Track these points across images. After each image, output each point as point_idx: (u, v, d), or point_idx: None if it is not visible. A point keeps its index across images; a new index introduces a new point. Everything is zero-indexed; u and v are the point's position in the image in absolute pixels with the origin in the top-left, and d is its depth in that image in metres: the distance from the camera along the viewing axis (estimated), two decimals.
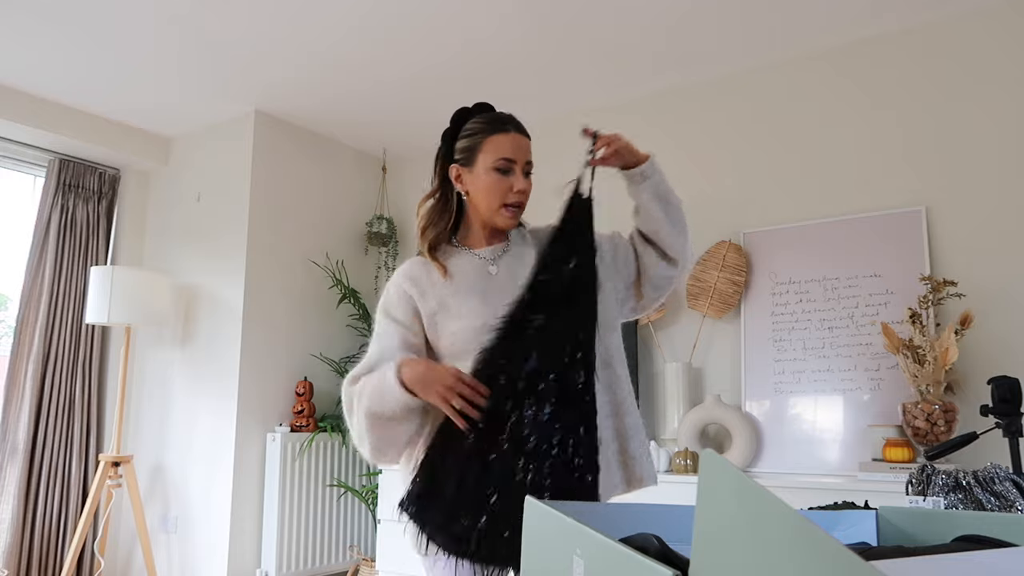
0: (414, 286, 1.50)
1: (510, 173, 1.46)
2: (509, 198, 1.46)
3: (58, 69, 3.38)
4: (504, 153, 1.45)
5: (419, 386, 1.35)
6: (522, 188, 1.46)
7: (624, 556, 0.45)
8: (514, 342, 1.36)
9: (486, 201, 1.47)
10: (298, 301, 3.96)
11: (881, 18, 2.94)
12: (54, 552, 3.66)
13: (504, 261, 1.51)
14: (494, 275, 1.49)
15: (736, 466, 0.39)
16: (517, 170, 1.46)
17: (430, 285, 1.49)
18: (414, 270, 1.53)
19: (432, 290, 1.49)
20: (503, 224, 1.49)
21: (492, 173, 1.45)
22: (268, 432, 3.72)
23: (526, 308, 1.38)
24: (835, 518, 0.75)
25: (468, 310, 1.44)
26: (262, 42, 3.15)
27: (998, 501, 1.45)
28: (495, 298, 1.43)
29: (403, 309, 1.50)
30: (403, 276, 1.54)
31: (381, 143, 4.30)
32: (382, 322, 1.52)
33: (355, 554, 3.94)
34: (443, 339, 1.47)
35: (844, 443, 2.84)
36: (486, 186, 1.46)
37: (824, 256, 3.02)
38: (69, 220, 3.88)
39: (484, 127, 1.48)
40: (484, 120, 1.50)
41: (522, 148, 1.48)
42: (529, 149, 1.49)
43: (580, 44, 3.14)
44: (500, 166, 1.45)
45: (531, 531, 0.67)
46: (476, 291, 1.46)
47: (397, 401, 1.36)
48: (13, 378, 3.65)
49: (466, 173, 1.49)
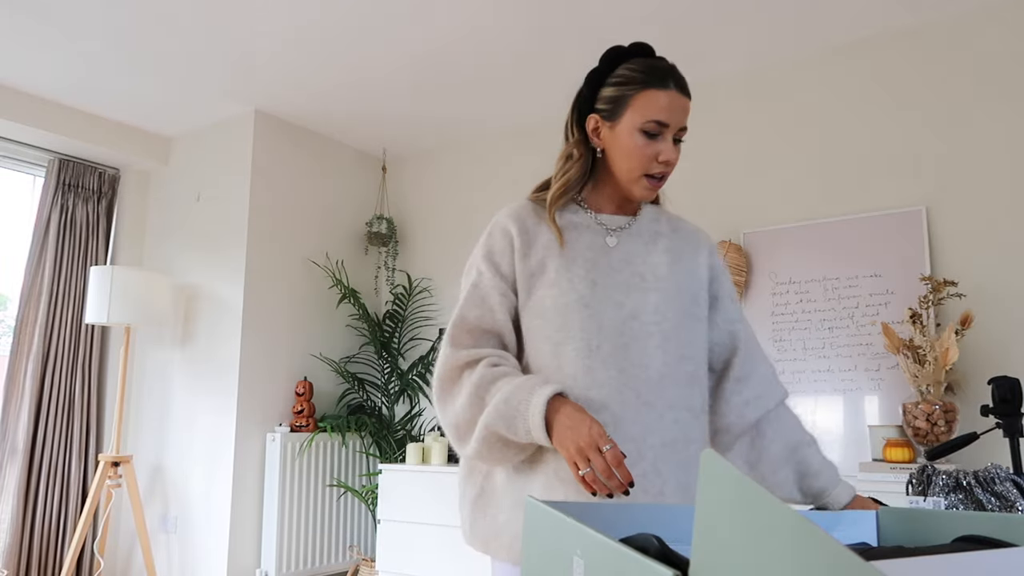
0: (522, 233, 1.26)
1: (659, 138, 1.22)
2: (653, 168, 1.23)
3: (58, 69, 3.38)
4: (657, 114, 1.21)
5: (555, 431, 1.09)
6: (669, 158, 1.22)
7: (624, 556, 0.45)
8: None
9: (627, 165, 1.24)
10: (298, 301, 3.96)
11: (881, 18, 2.94)
12: (54, 552, 3.66)
13: (627, 236, 1.28)
14: (611, 247, 1.26)
15: (736, 466, 0.39)
16: (668, 136, 1.22)
17: (536, 238, 1.26)
18: (524, 214, 1.28)
19: (536, 245, 1.25)
20: (640, 195, 1.26)
21: (638, 135, 1.22)
22: (268, 432, 3.72)
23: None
24: (835, 518, 0.75)
25: (566, 280, 1.21)
26: (262, 42, 3.15)
27: (998, 501, 1.45)
28: (603, 275, 1.23)
29: (508, 261, 1.25)
30: (511, 218, 1.28)
31: (381, 143, 4.30)
32: (485, 271, 1.26)
33: (355, 554, 3.94)
34: (525, 314, 1.24)
35: (844, 443, 2.84)
36: (628, 149, 1.23)
37: (824, 256, 3.02)
38: (69, 220, 3.88)
39: (640, 76, 1.23)
40: (641, 68, 1.23)
41: (679, 110, 1.23)
42: (687, 112, 1.24)
43: (581, 42, 3.14)
44: (650, 128, 1.21)
45: (531, 531, 0.67)
46: (583, 260, 1.23)
47: (528, 436, 1.12)
48: (13, 378, 3.65)
49: (606, 128, 1.26)
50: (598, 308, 1.21)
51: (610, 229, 1.28)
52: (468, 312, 1.24)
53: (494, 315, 1.24)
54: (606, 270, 1.24)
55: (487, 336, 1.24)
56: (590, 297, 1.21)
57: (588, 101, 1.28)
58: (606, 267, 1.24)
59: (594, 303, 1.21)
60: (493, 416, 1.13)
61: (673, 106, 1.21)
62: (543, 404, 1.10)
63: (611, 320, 1.21)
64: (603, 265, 1.24)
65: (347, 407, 4.10)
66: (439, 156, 4.33)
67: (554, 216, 1.27)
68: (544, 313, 1.22)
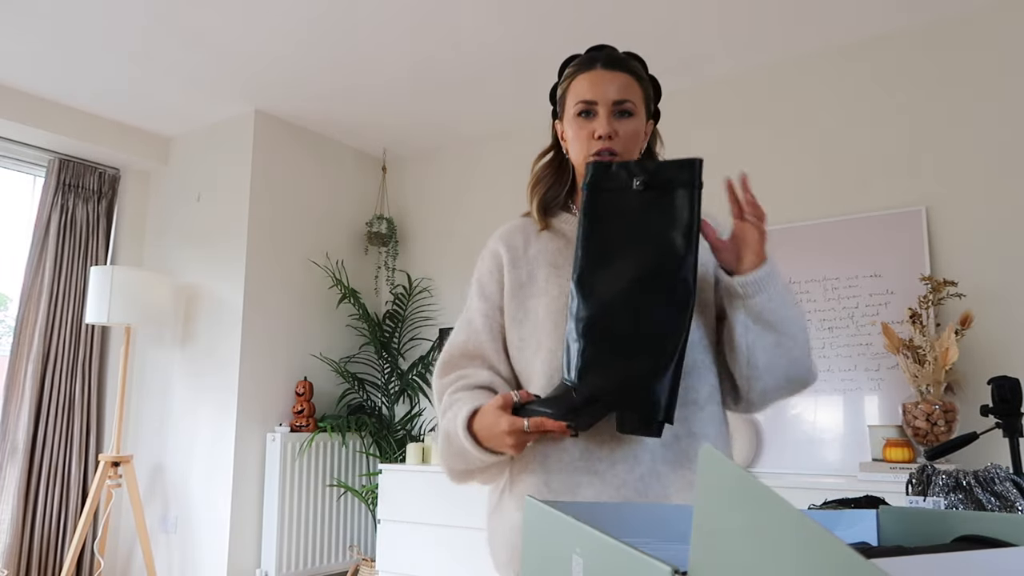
0: (510, 249, 1.29)
1: (592, 116, 1.22)
2: (592, 146, 1.22)
3: (58, 69, 3.38)
4: (583, 94, 1.22)
5: (485, 443, 1.15)
6: (602, 131, 1.20)
7: (624, 555, 0.45)
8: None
9: (575, 152, 1.26)
10: (298, 301, 3.96)
11: (881, 18, 2.94)
12: (54, 552, 3.66)
13: None
14: None
15: (735, 463, 0.39)
16: (601, 112, 1.21)
17: (524, 251, 1.29)
18: (512, 230, 1.32)
19: (525, 257, 1.28)
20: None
21: (575, 121, 1.24)
22: (268, 432, 3.72)
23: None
24: (835, 518, 0.75)
25: (556, 286, 1.22)
26: (262, 42, 3.15)
27: (998, 501, 1.44)
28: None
29: (495, 282, 1.29)
30: (498, 238, 1.32)
31: (381, 143, 4.30)
32: (473, 297, 1.32)
33: (355, 554, 3.94)
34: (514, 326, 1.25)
35: (844, 443, 2.84)
36: (571, 137, 1.25)
37: (824, 256, 3.02)
38: (69, 220, 3.88)
39: (571, 70, 1.27)
40: (575, 62, 1.28)
41: (607, 83, 1.21)
42: (619, 84, 1.22)
43: (581, 44, 3.13)
44: (580, 110, 1.23)
45: (531, 530, 0.67)
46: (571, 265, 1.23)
47: (481, 460, 1.18)
48: (13, 378, 3.65)
49: (561, 127, 1.29)
50: None
51: None
52: (456, 338, 1.31)
53: (478, 336, 1.28)
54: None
55: (471, 360, 1.28)
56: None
57: (553, 111, 1.34)
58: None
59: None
60: (448, 458, 1.21)
61: (598, 82, 1.22)
62: (465, 431, 1.15)
63: None
64: None
65: (347, 407, 4.10)
66: (439, 156, 4.33)
67: (537, 207, 1.30)
68: (538, 323, 1.23)
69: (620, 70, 1.24)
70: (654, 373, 1.07)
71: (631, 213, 1.14)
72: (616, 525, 0.69)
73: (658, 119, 1.35)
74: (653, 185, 1.14)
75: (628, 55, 1.30)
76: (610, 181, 1.15)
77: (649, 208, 1.13)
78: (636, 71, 1.27)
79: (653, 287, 1.10)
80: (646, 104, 1.28)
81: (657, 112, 1.34)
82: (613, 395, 1.09)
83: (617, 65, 1.24)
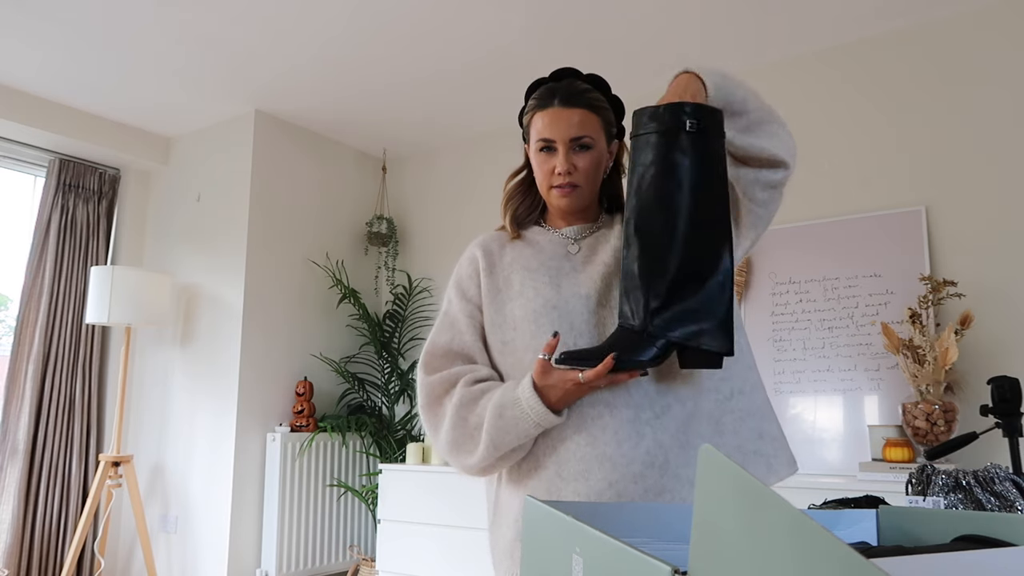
0: (487, 255, 1.37)
1: (551, 152, 1.31)
2: (553, 180, 1.31)
3: (58, 69, 3.38)
4: (541, 133, 1.30)
5: (555, 402, 1.18)
6: (561, 169, 1.29)
7: (624, 555, 0.45)
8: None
9: (539, 181, 1.35)
10: (298, 301, 3.96)
11: (881, 19, 2.94)
12: (54, 552, 3.66)
13: (588, 241, 1.35)
14: (574, 254, 1.33)
15: (734, 463, 0.39)
16: (560, 148, 1.29)
17: (500, 258, 1.36)
18: (489, 239, 1.40)
19: (500, 264, 1.35)
20: (556, 204, 1.34)
21: (538, 154, 1.33)
22: (268, 432, 3.72)
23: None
24: (835, 518, 0.75)
25: (532, 288, 1.29)
26: (262, 42, 3.15)
27: (998, 501, 1.45)
28: (566, 277, 1.29)
29: (475, 285, 1.36)
30: (477, 245, 1.40)
31: (381, 143, 4.30)
32: (454, 299, 1.37)
33: (355, 554, 3.94)
34: (495, 330, 1.31)
35: (844, 443, 2.84)
36: (535, 168, 1.35)
37: (824, 256, 3.02)
38: (69, 220, 3.88)
39: (531, 103, 1.34)
40: (535, 95, 1.35)
41: (563, 123, 1.28)
42: (574, 122, 1.29)
43: (581, 45, 3.14)
44: (540, 146, 1.31)
45: (531, 530, 0.67)
46: (546, 269, 1.31)
47: (540, 427, 1.20)
48: (13, 378, 3.65)
49: (529, 151, 1.39)
50: (566, 308, 1.25)
51: (571, 239, 1.35)
52: (439, 337, 1.34)
53: (463, 336, 1.32)
54: (569, 272, 1.30)
55: (457, 358, 1.32)
56: (557, 299, 1.26)
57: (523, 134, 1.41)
58: (569, 269, 1.30)
59: (561, 303, 1.26)
60: (497, 434, 1.20)
61: (554, 121, 1.28)
62: (534, 396, 1.17)
63: (580, 315, 1.25)
64: (566, 268, 1.30)
65: (347, 407, 4.10)
66: (439, 156, 4.33)
67: (510, 221, 1.38)
68: (517, 324, 1.28)
69: (577, 106, 1.29)
70: (719, 309, 1.14)
71: (674, 157, 1.16)
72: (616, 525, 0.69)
73: (623, 136, 1.38)
74: (701, 129, 1.15)
75: (589, 82, 1.34)
76: (660, 125, 1.16)
77: (694, 151, 1.15)
78: (593, 103, 1.31)
79: (704, 227, 1.15)
80: (606, 130, 1.33)
81: (622, 129, 1.38)
82: (685, 332, 1.14)
83: (573, 101, 1.29)
